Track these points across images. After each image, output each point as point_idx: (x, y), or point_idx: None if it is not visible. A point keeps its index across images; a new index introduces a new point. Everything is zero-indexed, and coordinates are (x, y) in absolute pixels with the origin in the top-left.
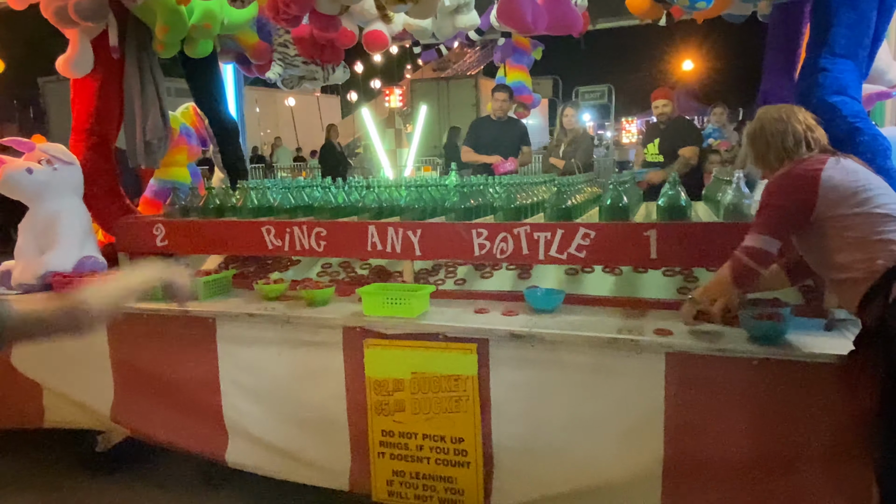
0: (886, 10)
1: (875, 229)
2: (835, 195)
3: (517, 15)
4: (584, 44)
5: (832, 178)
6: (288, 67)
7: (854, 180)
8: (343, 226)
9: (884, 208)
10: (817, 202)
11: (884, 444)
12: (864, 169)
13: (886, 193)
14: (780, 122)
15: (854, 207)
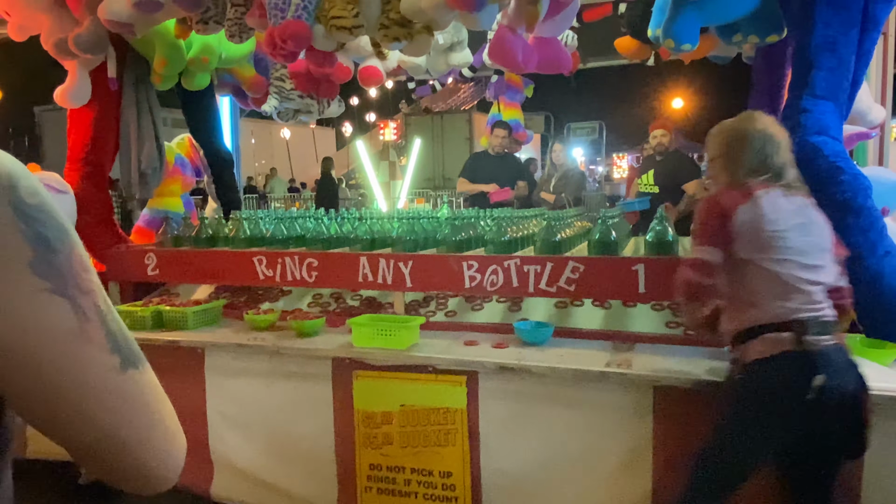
0: (864, 55)
1: (757, 287)
2: (741, 234)
3: (508, 54)
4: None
5: (746, 214)
6: (284, 101)
7: (770, 225)
8: (334, 257)
9: (780, 266)
10: (734, 234)
11: (692, 469)
12: (790, 212)
13: (796, 250)
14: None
15: (755, 254)
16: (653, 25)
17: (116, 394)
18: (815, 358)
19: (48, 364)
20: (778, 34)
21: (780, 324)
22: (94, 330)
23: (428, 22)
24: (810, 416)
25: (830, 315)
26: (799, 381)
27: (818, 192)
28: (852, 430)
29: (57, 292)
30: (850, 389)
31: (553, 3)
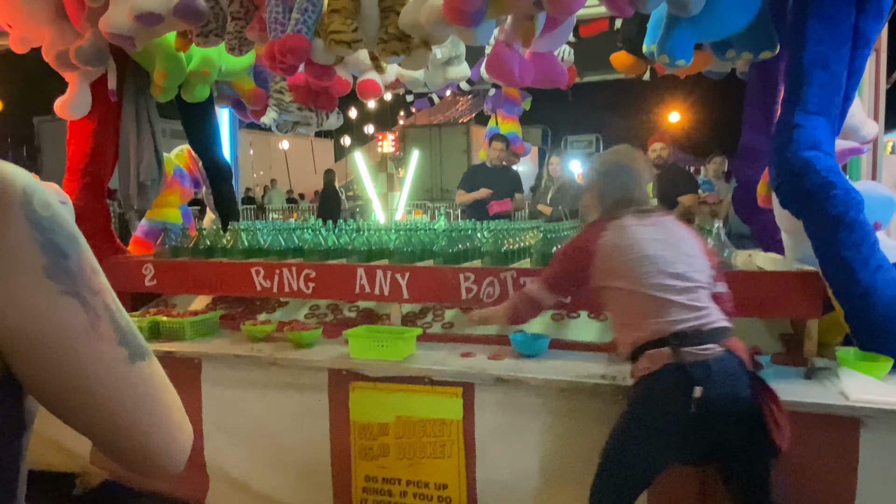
0: (855, 72)
1: (634, 309)
2: (606, 266)
3: (504, 69)
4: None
5: (606, 247)
6: (283, 113)
7: (630, 253)
8: (332, 268)
9: (651, 287)
10: (592, 271)
11: (596, 473)
12: (647, 233)
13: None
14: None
15: (624, 283)
16: (648, 41)
17: (125, 384)
18: (693, 370)
19: (63, 357)
20: (771, 50)
21: (659, 339)
22: (104, 326)
23: (426, 37)
24: (700, 426)
25: (716, 322)
26: (680, 394)
27: (810, 206)
28: (756, 435)
29: (69, 293)
30: (739, 396)
31: (549, 19)
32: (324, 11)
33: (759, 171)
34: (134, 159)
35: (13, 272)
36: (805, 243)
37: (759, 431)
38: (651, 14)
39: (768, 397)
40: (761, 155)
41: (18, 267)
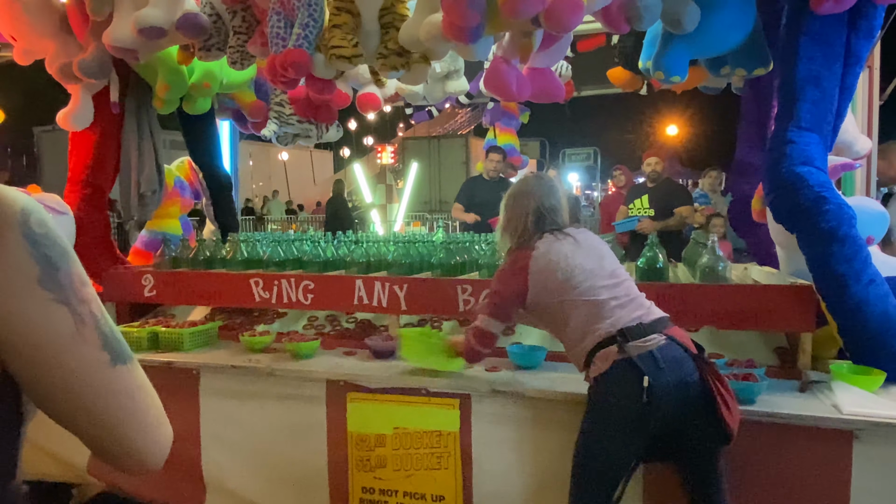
0: (847, 89)
1: (579, 320)
2: (540, 287)
3: (502, 85)
4: (569, 109)
5: (536, 271)
6: (283, 125)
7: (559, 269)
8: (330, 279)
9: (585, 294)
10: (528, 293)
11: (571, 482)
12: (569, 247)
13: (590, 277)
14: (525, 198)
15: (561, 296)
16: (643, 58)
17: (107, 385)
18: (639, 361)
19: (52, 358)
20: (764, 67)
21: (605, 339)
22: (89, 332)
23: (425, 52)
24: (654, 414)
25: (654, 313)
26: (631, 386)
27: (803, 220)
28: (707, 418)
29: (59, 301)
30: (686, 381)
31: (546, 36)
32: (325, 26)
33: (754, 186)
34: (135, 171)
35: (11, 281)
36: (799, 257)
37: (711, 414)
38: (647, 31)
39: (715, 379)
40: (756, 170)
41: (15, 277)
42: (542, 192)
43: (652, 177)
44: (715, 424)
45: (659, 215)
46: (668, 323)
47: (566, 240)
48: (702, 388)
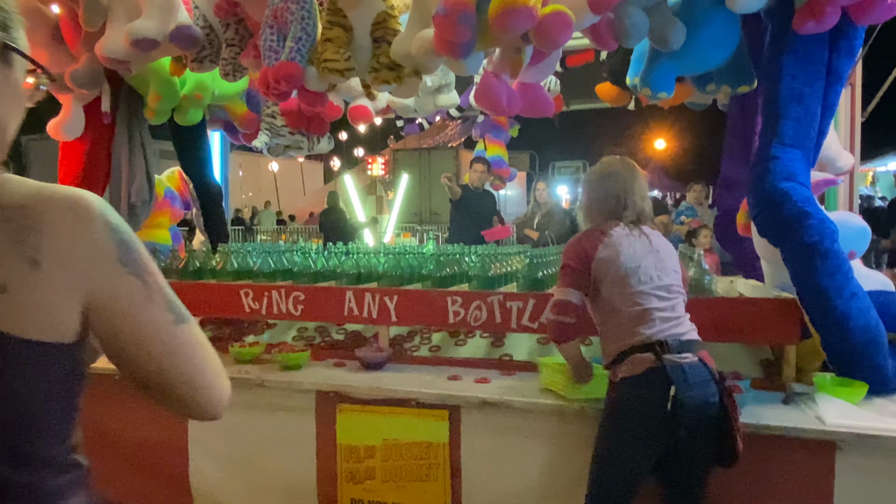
0: (829, 106)
1: (623, 316)
2: (600, 276)
3: (493, 99)
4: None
5: (601, 258)
6: (275, 137)
7: (624, 264)
8: (321, 290)
9: (639, 297)
10: (591, 273)
11: (589, 483)
12: (641, 246)
13: (648, 282)
14: (608, 181)
15: (618, 289)
16: (631, 74)
17: (173, 340)
18: (670, 373)
19: (128, 319)
20: (749, 85)
21: (643, 345)
22: (157, 297)
23: (416, 66)
24: (672, 425)
25: (691, 333)
26: (658, 393)
27: (786, 235)
28: (719, 439)
29: (132, 273)
30: (709, 401)
31: (536, 52)
32: (317, 40)
33: (739, 200)
34: (125, 181)
35: (98, 260)
36: (783, 271)
37: (725, 435)
38: (634, 48)
39: (732, 407)
40: (741, 184)
41: (102, 257)
42: (626, 177)
43: None
44: (726, 446)
45: None
46: (701, 346)
47: (641, 238)
48: (720, 410)
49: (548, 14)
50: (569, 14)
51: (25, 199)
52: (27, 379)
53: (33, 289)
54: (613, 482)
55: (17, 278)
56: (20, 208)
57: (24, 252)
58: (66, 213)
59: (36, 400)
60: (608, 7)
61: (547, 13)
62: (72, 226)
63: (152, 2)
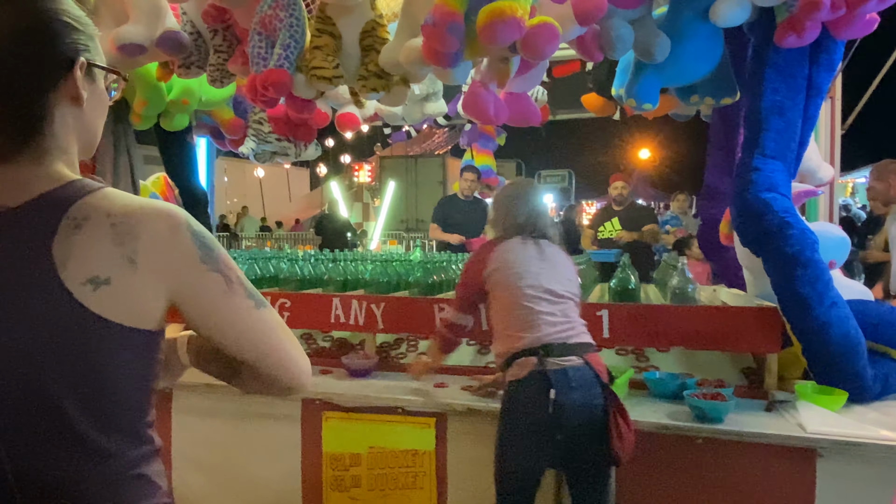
0: (809, 119)
1: (511, 321)
2: (493, 277)
3: (480, 108)
4: (545, 131)
5: (495, 260)
6: (261, 143)
7: (514, 268)
8: (307, 297)
9: (526, 301)
10: (485, 289)
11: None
12: (531, 255)
13: (536, 287)
14: (512, 200)
15: (506, 294)
16: (616, 85)
17: (254, 323)
18: (551, 376)
19: (213, 308)
20: (731, 97)
21: (528, 349)
22: (236, 287)
23: (405, 75)
24: (556, 428)
25: (580, 336)
26: (541, 396)
27: (768, 245)
28: (600, 442)
29: (214, 270)
30: (591, 403)
31: (523, 62)
32: (306, 48)
33: (721, 210)
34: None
35: (183, 261)
36: (764, 280)
37: (605, 440)
38: (620, 59)
39: (616, 410)
40: (724, 194)
41: (186, 258)
42: (535, 199)
43: (618, 200)
44: (605, 448)
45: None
46: (590, 349)
47: (531, 246)
48: (602, 414)
49: (535, 25)
50: (556, 25)
51: (127, 210)
52: (121, 359)
53: (130, 283)
54: (508, 481)
55: (118, 273)
56: (123, 216)
57: (125, 252)
58: (158, 223)
59: (127, 377)
60: (594, 19)
61: (534, 24)
62: (162, 233)
63: (140, 7)
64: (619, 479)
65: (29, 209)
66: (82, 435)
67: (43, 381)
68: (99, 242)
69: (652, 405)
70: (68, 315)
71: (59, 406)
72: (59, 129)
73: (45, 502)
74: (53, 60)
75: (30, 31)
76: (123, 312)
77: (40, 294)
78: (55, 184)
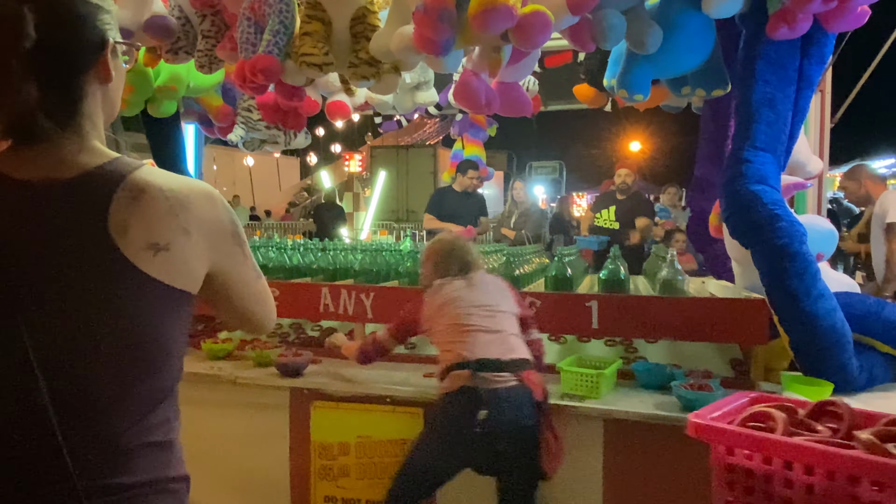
0: (800, 111)
1: (449, 337)
2: (429, 313)
3: (471, 97)
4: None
5: (429, 301)
6: (250, 131)
7: (446, 296)
8: (296, 287)
9: (464, 320)
10: (421, 321)
11: (397, 471)
12: (457, 287)
13: (468, 305)
14: (438, 256)
15: (440, 320)
16: (608, 76)
17: (257, 287)
18: (483, 394)
19: (235, 276)
20: (723, 89)
21: (462, 363)
22: (249, 260)
23: (396, 63)
24: (484, 444)
25: (517, 353)
26: (469, 413)
27: (757, 237)
28: (530, 459)
29: (238, 244)
30: (521, 424)
31: (515, 51)
32: (296, 34)
33: (711, 202)
34: None
35: (223, 234)
36: (753, 272)
37: (534, 457)
38: (612, 50)
39: (548, 429)
40: (714, 186)
41: (225, 232)
42: (463, 252)
43: (622, 188)
44: (534, 465)
45: (623, 228)
46: (526, 366)
47: (459, 280)
48: (533, 433)
49: (527, 14)
50: (548, 14)
51: (177, 184)
52: (171, 317)
53: (185, 250)
54: (412, 481)
55: (175, 241)
56: (175, 191)
57: (180, 223)
58: (205, 199)
59: (173, 334)
60: (587, 9)
61: (526, 13)
62: (208, 209)
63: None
64: (606, 468)
65: (84, 180)
66: (132, 389)
67: (98, 338)
68: (157, 213)
69: (640, 395)
70: (123, 277)
71: (115, 362)
72: (92, 107)
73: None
74: (89, 43)
75: (67, 16)
76: (177, 276)
77: (97, 258)
78: (103, 159)
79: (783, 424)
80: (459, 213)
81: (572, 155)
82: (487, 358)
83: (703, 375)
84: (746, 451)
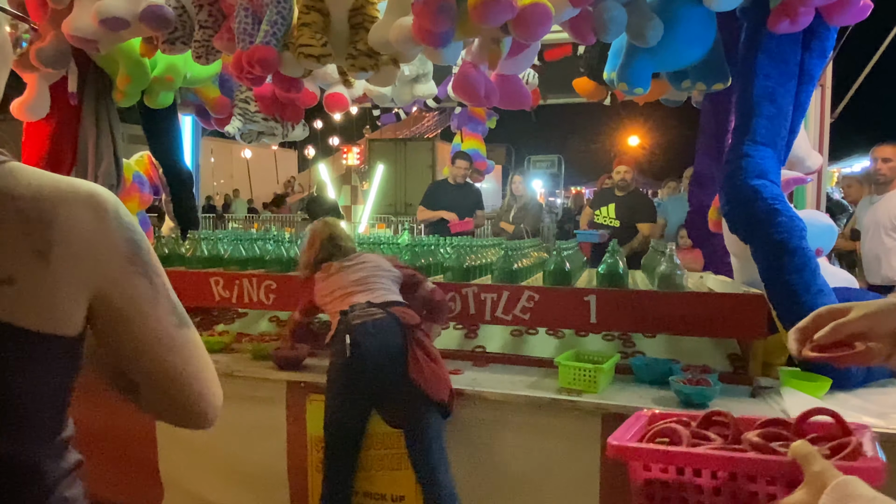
0: (800, 106)
1: (336, 298)
2: (320, 291)
3: (471, 89)
4: (535, 116)
5: (319, 284)
6: (248, 122)
7: (332, 275)
8: (293, 279)
9: (341, 284)
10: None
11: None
12: (338, 267)
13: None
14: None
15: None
16: (608, 69)
17: (175, 341)
18: (351, 328)
19: (134, 316)
20: (723, 83)
21: (341, 313)
22: (162, 298)
23: (394, 54)
24: (358, 368)
25: (387, 297)
26: (342, 345)
27: (756, 231)
28: (404, 378)
29: (140, 274)
30: (389, 342)
31: (515, 43)
32: (293, 24)
33: (711, 196)
34: (92, 164)
35: (110, 257)
36: (751, 267)
37: (403, 372)
38: (612, 43)
39: (416, 346)
40: (714, 181)
41: (115, 255)
42: (328, 233)
43: (621, 185)
44: (411, 385)
45: (623, 226)
46: (397, 304)
47: (339, 263)
48: (400, 350)
49: (527, 5)
50: (548, 6)
51: (39, 191)
52: (29, 369)
53: (40, 281)
54: (331, 430)
55: (23, 270)
56: (33, 200)
57: (33, 244)
58: (80, 208)
59: (35, 390)
60: (588, 1)
61: (526, 4)
62: (84, 221)
63: None
64: (603, 464)
65: None
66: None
67: None
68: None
69: (638, 390)
70: None
71: None
72: None
73: None
74: None
75: None
76: (33, 316)
77: None
78: None
79: (686, 437)
80: (454, 205)
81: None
82: (357, 303)
83: (701, 370)
84: (661, 464)
